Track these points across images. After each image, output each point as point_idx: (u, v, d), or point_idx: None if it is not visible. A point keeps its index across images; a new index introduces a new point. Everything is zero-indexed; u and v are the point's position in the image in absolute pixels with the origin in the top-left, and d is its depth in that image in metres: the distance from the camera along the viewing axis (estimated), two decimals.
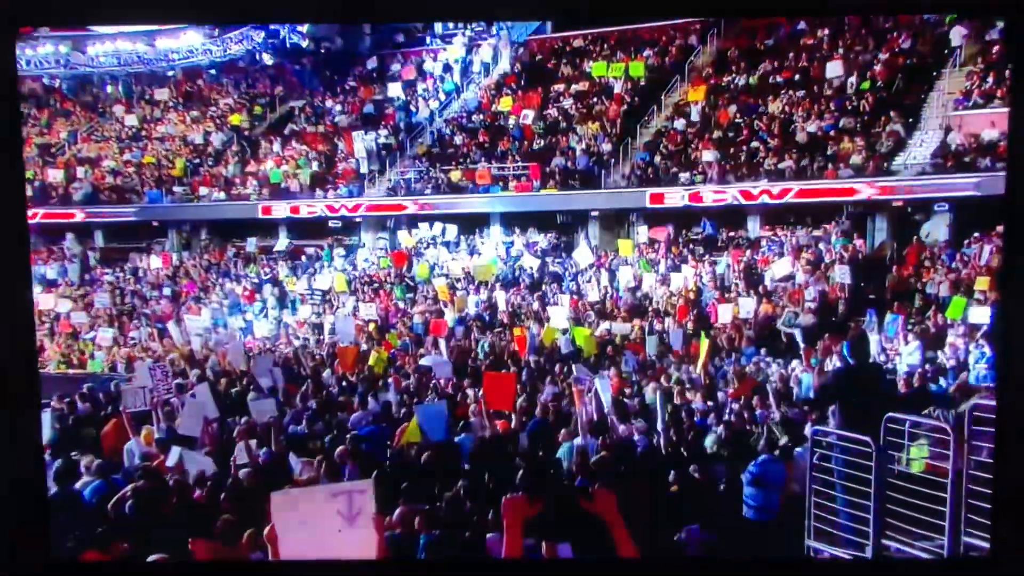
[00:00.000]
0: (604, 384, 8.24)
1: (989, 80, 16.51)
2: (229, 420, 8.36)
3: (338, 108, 25.33)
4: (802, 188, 16.87)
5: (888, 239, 16.50)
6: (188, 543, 4.87)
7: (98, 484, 6.42)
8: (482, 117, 22.74)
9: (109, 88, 28.49)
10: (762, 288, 14.99)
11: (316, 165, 23.22)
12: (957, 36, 17.61)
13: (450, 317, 15.55)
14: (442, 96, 24.33)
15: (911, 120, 17.16)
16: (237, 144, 25.22)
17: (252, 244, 22.02)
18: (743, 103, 19.36)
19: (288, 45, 27.02)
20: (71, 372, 14.49)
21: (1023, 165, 3.11)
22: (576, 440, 7.15)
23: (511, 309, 15.96)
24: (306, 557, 3.16)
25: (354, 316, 16.37)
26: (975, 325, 11.18)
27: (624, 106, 20.87)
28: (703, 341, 11.27)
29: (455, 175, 20.87)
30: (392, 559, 4.33)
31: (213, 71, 28.28)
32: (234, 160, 24.39)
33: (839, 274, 14.36)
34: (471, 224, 20.64)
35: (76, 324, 18.16)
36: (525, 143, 21.10)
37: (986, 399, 6.28)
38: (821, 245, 16.18)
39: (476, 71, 24.66)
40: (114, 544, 5.29)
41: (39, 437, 3.23)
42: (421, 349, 13.81)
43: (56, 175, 24.01)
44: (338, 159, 23.37)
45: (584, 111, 21.38)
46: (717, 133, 19.04)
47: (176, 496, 6.06)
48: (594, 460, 6.38)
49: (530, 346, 12.65)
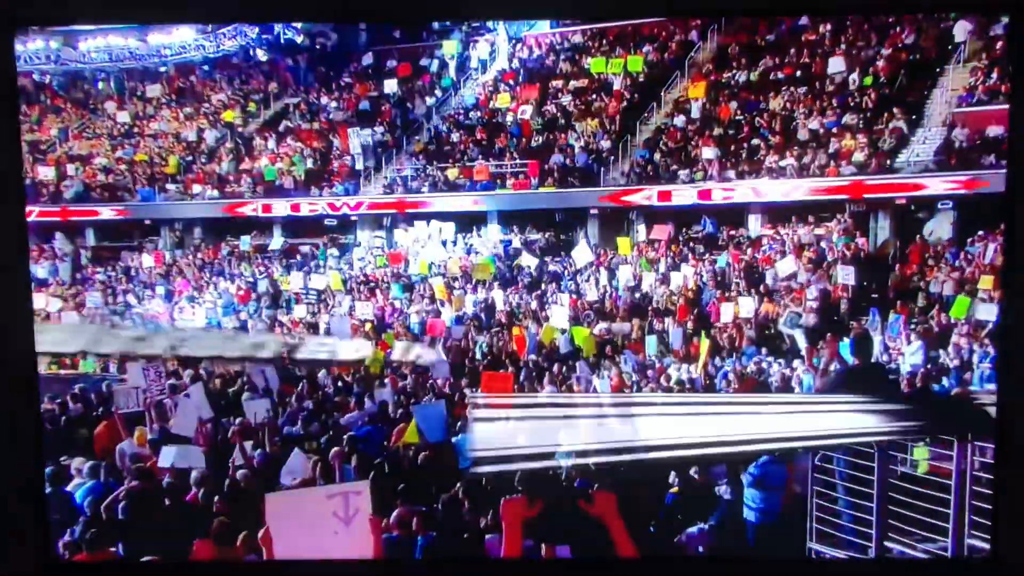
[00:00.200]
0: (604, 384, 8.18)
1: (993, 76, 16.41)
2: (223, 420, 8.28)
3: (333, 104, 25.21)
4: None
5: (891, 237, 16.43)
6: (187, 544, 4.82)
7: (91, 486, 6.36)
8: (479, 114, 22.65)
9: (101, 84, 28.17)
10: (763, 287, 14.92)
11: (311, 162, 23.11)
12: (961, 31, 17.47)
13: (447, 316, 15.47)
14: (439, 92, 24.24)
15: (914, 117, 17.07)
16: (231, 141, 25.09)
17: (246, 243, 21.89)
18: (744, 99, 19.26)
19: (282, 41, 26.86)
20: (62, 372, 14.32)
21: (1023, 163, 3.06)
22: None
23: (509, 308, 15.88)
24: (302, 559, 3.11)
25: (350, 315, 16.28)
26: (981, 322, 11.12)
27: (624, 103, 20.79)
28: (703, 341, 11.22)
29: (452, 172, 20.78)
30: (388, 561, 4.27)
31: (206, 67, 28.02)
32: (228, 157, 24.27)
33: (841, 273, 14.29)
34: (468, 222, 20.52)
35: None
36: (523, 140, 21.01)
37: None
38: (823, 243, 16.11)
39: (474, 67, 24.56)
40: (107, 546, 5.23)
41: (38, 438, 3.17)
42: (417, 348, 13.74)
43: (47, 172, 23.79)
44: (333, 156, 23.26)
45: (583, 108, 21.30)
46: (718, 130, 18.97)
47: (169, 497, 6.01)
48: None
49: (529, 346, 12.59)
